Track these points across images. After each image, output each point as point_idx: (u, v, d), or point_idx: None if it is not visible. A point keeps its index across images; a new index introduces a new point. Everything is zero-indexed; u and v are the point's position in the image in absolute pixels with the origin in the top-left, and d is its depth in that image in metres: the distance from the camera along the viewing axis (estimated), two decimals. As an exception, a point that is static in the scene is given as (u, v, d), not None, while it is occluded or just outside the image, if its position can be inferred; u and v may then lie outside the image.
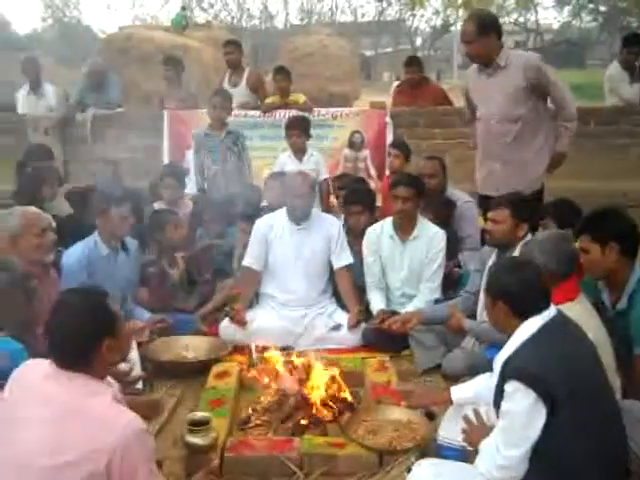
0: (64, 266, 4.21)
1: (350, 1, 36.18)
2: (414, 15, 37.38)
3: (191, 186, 6.38)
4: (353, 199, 5.17)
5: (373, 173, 7.10)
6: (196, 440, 3.00)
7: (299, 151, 6.33)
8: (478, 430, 2.71)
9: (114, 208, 4.30)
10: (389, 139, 7.31)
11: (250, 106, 7.58)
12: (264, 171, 6.60)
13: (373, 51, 37.08)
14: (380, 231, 4.76)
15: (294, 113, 7.10)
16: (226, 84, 7.70)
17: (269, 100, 7.53)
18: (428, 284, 4.63)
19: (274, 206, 5.21)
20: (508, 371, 2.44)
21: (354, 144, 7.17)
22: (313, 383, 3.51)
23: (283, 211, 4.79)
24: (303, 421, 3.35)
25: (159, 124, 7.66)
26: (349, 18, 36.22)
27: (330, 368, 3.63)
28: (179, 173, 5.99)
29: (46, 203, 5.02)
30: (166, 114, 7.67)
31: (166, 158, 7.45)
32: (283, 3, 33.74)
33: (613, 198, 6.38)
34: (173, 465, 3.01)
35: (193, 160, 6.39)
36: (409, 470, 2.75)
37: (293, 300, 4.69)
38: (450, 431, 2.93)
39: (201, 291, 5.08)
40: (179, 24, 13.19)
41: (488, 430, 2.60)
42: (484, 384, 2.86)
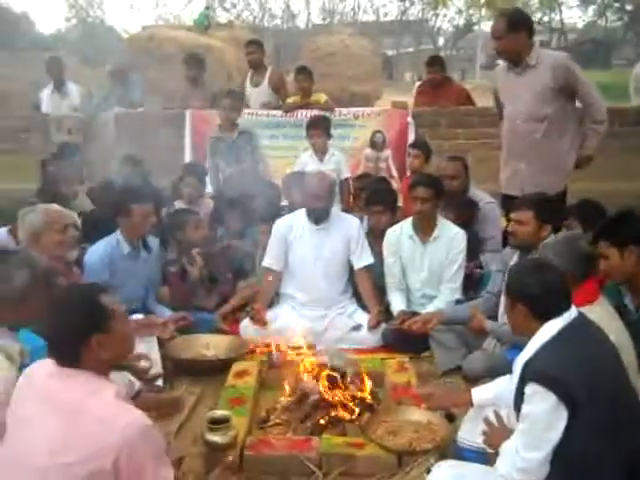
0: (86, 264, 4.24)
1: (372, 1, 36.15)
2: (437, 15, 37.25)
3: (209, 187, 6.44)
4: (374, 199, 5.16)
5: (394, 173, 7.07)
6: (216, 438, 3.01)
7: (320, 151, 6.34)
8: (499, 432, 2.69)
9: (136, 206, 4.32)
10: (411, 139, 7.28)
11: (272, 106, 7.59)
12: (286, 170, 6.62)
13: (395, 51, 36.95)
14: (400, 232, 4.74)
15: (316, 113, 7.10)
16: (248, 84, 7.73)
17: (290, 100, 7.54)
18: (449, 285, 4.61)
19: (294, 206, 5.21)
20: (528, 373, 2.41)
21: (375, 144, 7.15)
22: (332, 383, 3.51)
23: (302, 211, 4.79)
24: (322, 421, 3.35)
25: (181, 123, 7.70)
26: (371, 18, 36.17)
27: (349, 367, 3.62)
28: (200, 172, 6.03)
29: (71, 201, 5.07)
30: (188, 114, 7.70)
31: (188, 157, 7.49)
32: (305, 3, 33.79)
33: (638, 199, 6.31)
34: (193, 462, 3.03)
35: (208, 164, 6.43)
36: (428, 471, 2.73)
37: (313, 300, 4.69)
38: (470, 433, 2.90)
39: (221, 290, 5.11)
40: (201, 24, 13.24)
41: (509, 432, 2.58)
42: (505, 386, 2.84)
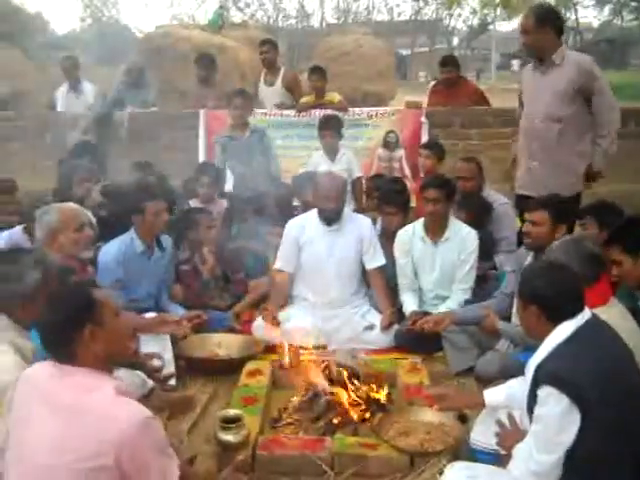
0: (100, 263, 4.26)
1: (386, 0, 36.09)
2: (451, 14, 37.19)
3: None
4: (387, 200, 5.14)
5: (408, 173, 7.05)
6: (228, 437, 3.03)
7: (331, 151, 6.34)
8: (511, 434, 2.68)
9: (149, 203, 4.34)
10: (424, 139, 7.25)
11: (285, 106, 7.60)
12: (299, 170, 6.62)
13: (409, 50, 36.89)
14: (412, 232, 4.73)
15: (329, 112, 7.10)
16: (262, 84, 7.75)
17: (304, 100, 7.54)
18: (461, 285, 4.60)
19: (305, 206, 5.21)
20: (541, 376, 2.40)
21: (389, 144, 7.15)
22: (344, 383, 3.51)
23: (314, 212, 4.78)
24: (334, 421, 3.35)
25: (195, 123, 7.72)
26: (385, 17, 36.14)
27: (362, 367, 3.62)
28: (215, 171, 6.04)
29: (85, 200, 5.09)
30: (202, 113, 7.71)
31: (201, 156, 7.51)
32: (319, 2, 33.86)
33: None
34: (205, 461, 3.04)
35: (217, 163, 6.43)
36: (441, 472, 2.73)
37: (325, 301, 4.68)
38: (483, 434, 2.90)
39: (234, 289, 5.12)
40: (215, 23, 13.25)
41: (522, 434, 2.57)
42: (517, 388, 2.83)
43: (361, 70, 11.73)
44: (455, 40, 40.39)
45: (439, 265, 4.65)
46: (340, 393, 3.46)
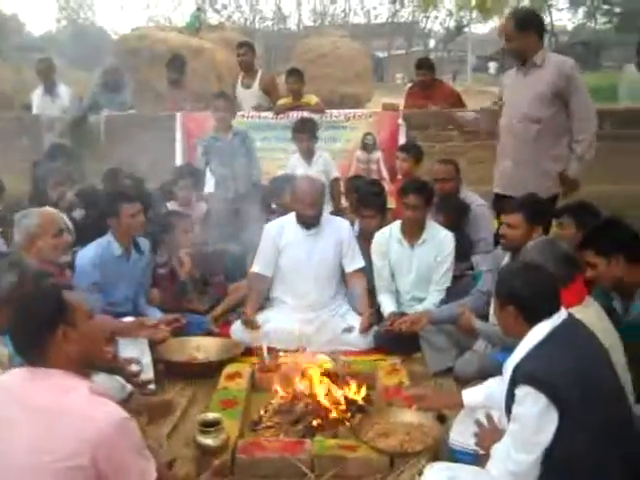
0: (77, 266, 4.22)
1: (363, 3, 36.33)
2: (427, 17, 37.44)
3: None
4: (365, 202, 5.15)
5: (385, 175, 7.07)
6: (207, 441, 3.01)
7: (308, 154, 6.34)
8: (490, 433, 2.70)
9: (124, 205, 4.31)
10: (401, 141, 7.27)
11: (263, 108, 7.59)
12: (278, 172, 6.61)
13: (386, 53, 37.04)
14: (389, 235, 4.74)
15: (306, 114, 7.10)
16: (239, 86, 7.73)
17: (281, 102, 7.53)
18: (437, 287, 4.62)
19: (282, 208, 5.21)
20: (519, 376, 2.42)
21: (366, 146, 7.17)
22: (324, 385, 3.51)
23: (292, 216, 4.77)
24: (314, 423, 3.35)
25: (171, 125, 7.68)
26: (362, 20, 36.33)
27: (341, 369, 3.62)
28: (194, 174, 6.01)
29: (61, 202, 5.05)
30: (178, 116, 7.69)
31: (179, 159, 7.47)
32: (296, 5, 33.90)
33: (630, 200, 6.33)
34: (185, 465, 3.03)
35: (199, 165, 6.40)
36: (420, 473, 2.74)
37: (304, 304, 4.66)
38: (462, 434, 2.91)
39: (213, 293, 5.10)
40: (193, 25, 13.23)
41: (500, 434, 2.58)
42: (495, 387, 2.85)
43: (338, 72, 11.79)
44: (432, 42, 40.66)
45: (416, 267, 4.67)
46: (319, 395, 3.46)
